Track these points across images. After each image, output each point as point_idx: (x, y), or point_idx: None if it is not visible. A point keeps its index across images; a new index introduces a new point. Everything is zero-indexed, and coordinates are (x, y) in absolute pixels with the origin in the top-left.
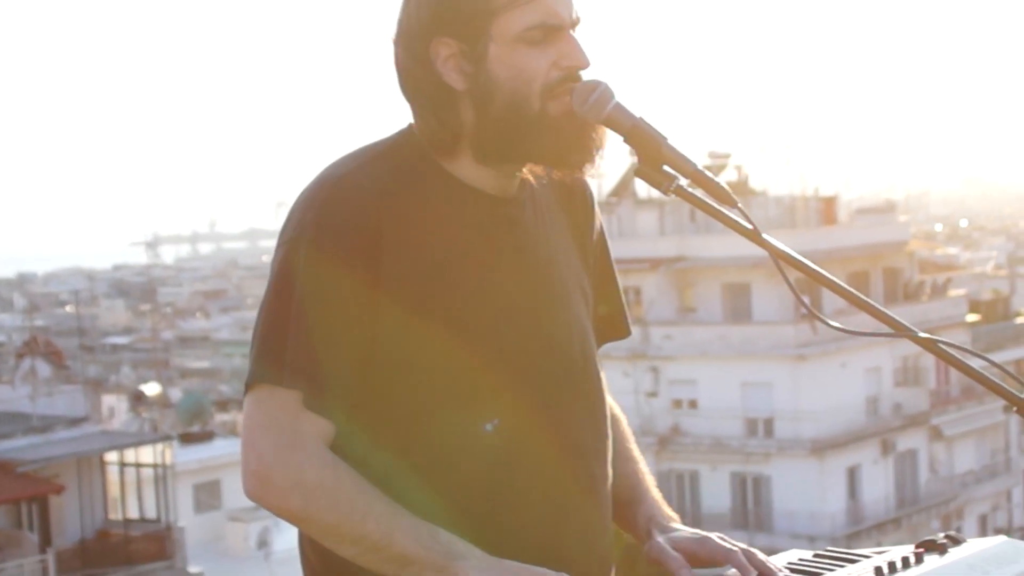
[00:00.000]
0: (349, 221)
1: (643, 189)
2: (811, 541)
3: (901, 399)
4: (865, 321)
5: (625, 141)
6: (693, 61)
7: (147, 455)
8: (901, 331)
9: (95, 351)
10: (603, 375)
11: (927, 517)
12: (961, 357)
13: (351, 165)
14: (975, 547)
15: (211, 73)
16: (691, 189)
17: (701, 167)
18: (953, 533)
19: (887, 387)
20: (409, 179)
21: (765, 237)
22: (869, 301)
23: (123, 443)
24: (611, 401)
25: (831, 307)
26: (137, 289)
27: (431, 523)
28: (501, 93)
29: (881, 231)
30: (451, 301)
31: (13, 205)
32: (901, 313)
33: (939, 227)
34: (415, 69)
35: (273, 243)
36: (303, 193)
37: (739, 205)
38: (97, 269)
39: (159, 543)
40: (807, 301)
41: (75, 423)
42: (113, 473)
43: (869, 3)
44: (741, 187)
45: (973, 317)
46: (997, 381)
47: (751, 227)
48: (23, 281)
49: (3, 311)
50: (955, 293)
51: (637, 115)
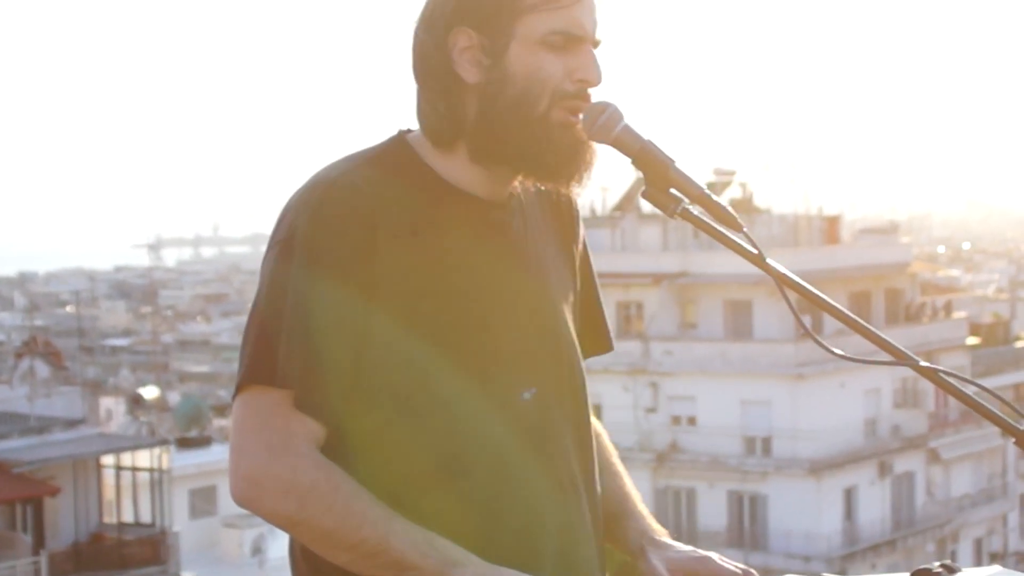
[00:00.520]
0: (342, 223)
1: (647, 204)
2: (806, 561)
3: (899, 421)
4: (868, 344)
5: (633, 163)
6: (700, 79)
7: (144, 459)
8: (902, 359)
9: (94, 352)
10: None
11: (923, 540)
12: (961, 387)
13: (344, 168)
14: None
15: (217, 77)
16: (695, 211)
17: (707, 191)
18: (948, 563)
19: (886, 409)
20: (402, 182)
21: (769, 262)
22: (871, 328)
23: (120, 446)
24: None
25: (834, 328)
26: (138, 291)
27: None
28: (513, 90)
29: (884, 252)
30: (444, 304)
31: (16, 203)
32: (902, 335)
33: (941, 249)
34: (431, 55)
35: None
36: (296, 195)
37: (744, 230)
38: (99, 270)
39: (153, 548)
40: (808, 324)
41: (72, 425)
42: (109, 476)
43: (877, 25)
44: (745, 204)
45: (973, 340)
46: (996, 411)
47: (756, 252)
48: (24, 280)
49: (3, 310)
50: (956, 316)
51: (645, 137)
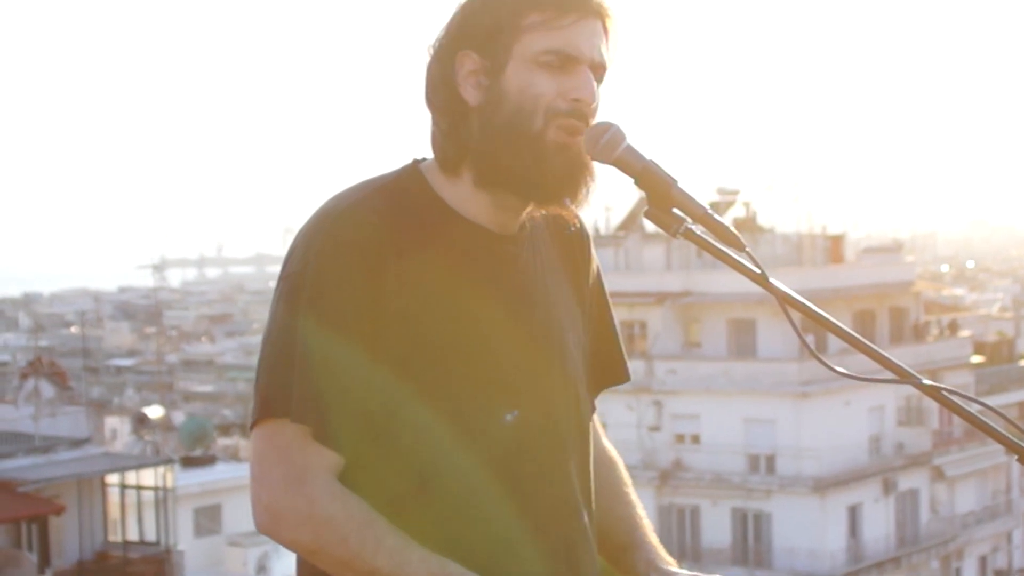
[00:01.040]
0: (352, 253)
1: (651, 224)
2: None
3: (903, 439)
4: (872, 362)
5: (636, 183)
6: (703, 98)
7: (148, 478)
8: (906, 378)
9: (99, 373)
10: (595, 420)
11: (927, 557)
12: (965, 405)
13: (354, 198)
14: None
15: (221, 97)
16: (698, 230)
17: (710, 210)
18: None
19: (890, 426)
20: (411, 213)
21: (772, 282)
22: (873, 347)
23: (125, 465)
24: (608, 444)
25: (838, 346)
26: (143, 312)
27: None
28: (508, 107)
29: (888, 271)
30: (444, 334)
31: (21, 225)
32: (906, 353)
33: (946, 268)
34: (439, 80)
35: (279, 269)
36: (305, 225)
37: (747, 249)
38: (103, 291)
39: (158, 566)
40: (812, 342)
41: (77, 444)
42: (114, 495)
43: (880, 43)
44: (749, 224)
45: (978, 359)
46: (999, 429)
47: (759, 271)
48: (29, 301)
49: (8, 331)
50: (960, 334)
51: (648, 158)
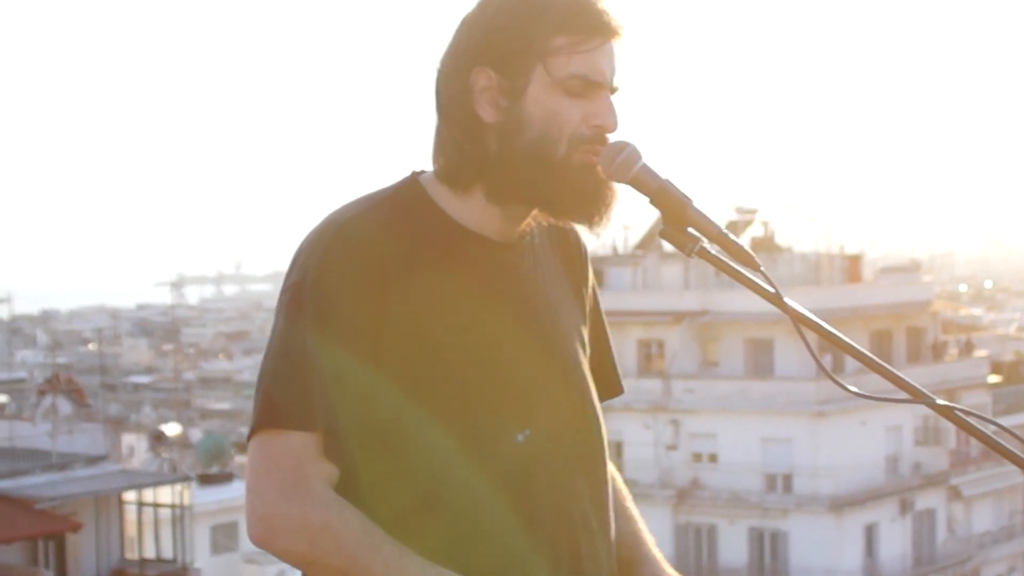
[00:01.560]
0: (352, 265)
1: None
2: None
3: (920, 458)
4: (888, 382)
5: (651, 202)
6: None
7: (165, 495)
8: (919, 397)
9: (117, 390)
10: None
11: None
12: (982, 426)
13: (354, 211)
14: None
15: (240, 116)
16: (713, 249)
17: (725, 230)
18: None
19: (907, 446)
20: (412, 225)
21: (787, 301)
22: (887, 366)
23: (142, 483)
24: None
25: (855, 366)
26: (160, 329)
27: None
28: (531, 132)
29: (905, 290)
30: (451, 348)
31: (39, 242)
32: (923, 373)
33: (963, 288)
34: (452, 93)
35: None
36: (306, 238)
37: (762, 269)
38: (121, 308)
39: None
40: (829, 362)
41: (94, 461)
42: (131, 512)
43: (899, 63)
44: (767, 243)
45: (995, 378)
46: (1014, 450)
47: (773, 290)
48: (47, 318)
49: (26, 347)
50: (978, 354)
51: (663, 177)
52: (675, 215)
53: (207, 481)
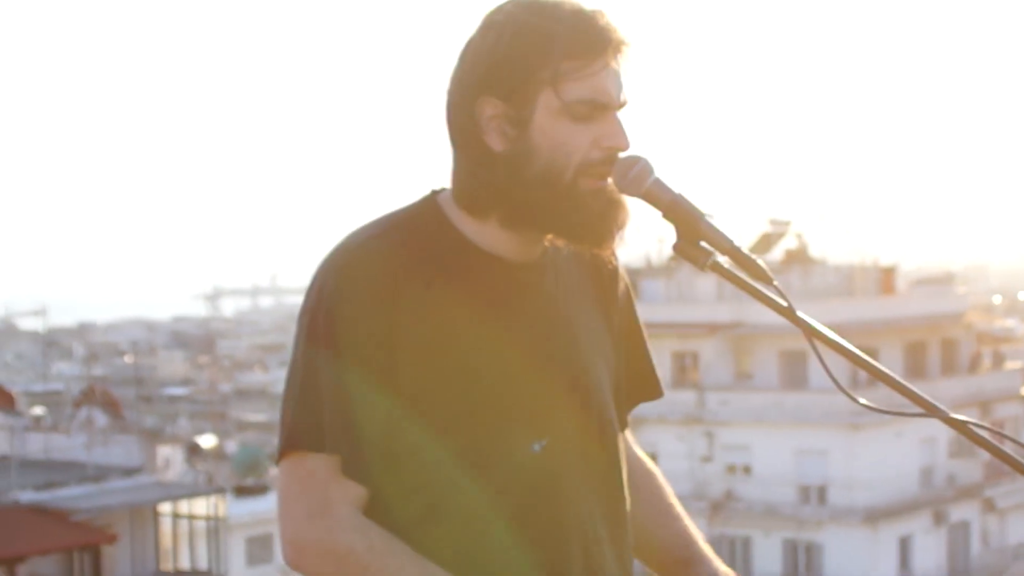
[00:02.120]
0: (365, 287)
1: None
2: None
3: (955, 470)
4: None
5: (663, 216)
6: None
7: (201, 507)
8: (932, 411)
9: (152, 402)
10: (627, 435)
11: None
12: (995, 441)
13: (369, 233)
14: None
15: (276, 130)
16: (725, 263)
17: (737, 244)
18: None
19: (941, 458)
20: (429, 245)
21: (799, 315)
22: (900, 380)
23: (177, 494)
24: (641, 454)
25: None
26: (196, 341)
27: None
28: (538, 161)
29: (939, 302)
30: (465, 362)
31: (75, 254)
32: (957, 385)
33: (998, 299)
34: (461, 122)
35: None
36: (324, 260)
37: (775, 283)
38: (157, 320)
39: None
40: (851, 375)
41: (130, 473)
42: (166, 524)
43: (932, 74)
44: (801, 255)
45: None
46: None
47: (786, 304)
48: (83, 330)
49: (62, 360)
50: (1011, 366)
51: (676, 191)
52: (687, 229)
53: (242, 493)
